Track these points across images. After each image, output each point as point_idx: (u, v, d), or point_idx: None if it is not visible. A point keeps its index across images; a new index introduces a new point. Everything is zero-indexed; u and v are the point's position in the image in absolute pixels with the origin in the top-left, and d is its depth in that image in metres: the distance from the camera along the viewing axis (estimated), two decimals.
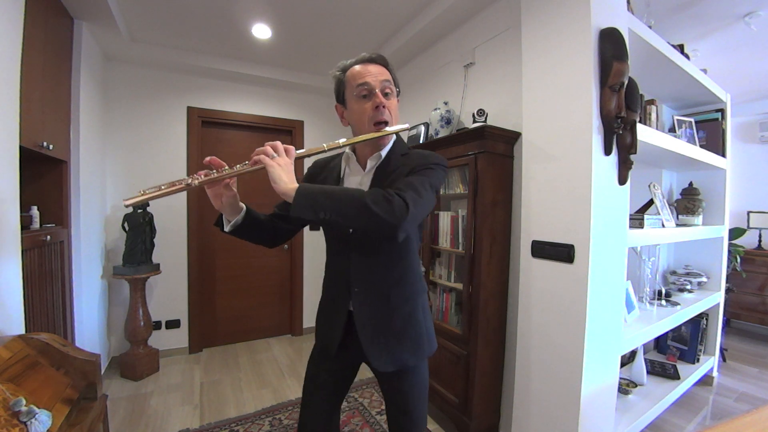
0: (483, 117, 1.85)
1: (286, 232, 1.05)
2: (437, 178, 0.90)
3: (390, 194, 0.78)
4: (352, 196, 0.78)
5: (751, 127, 3.75)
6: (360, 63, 0.95)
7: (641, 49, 1.67)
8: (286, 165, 0.82)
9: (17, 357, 1.00)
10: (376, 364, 0.94)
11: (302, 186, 0.78)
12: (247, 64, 2.91)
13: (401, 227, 0.78)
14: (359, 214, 0.76)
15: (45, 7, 1.62)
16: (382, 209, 0.76)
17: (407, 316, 0.97)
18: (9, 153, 1.29)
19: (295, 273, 3.40)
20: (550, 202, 1.49)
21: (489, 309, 1.73)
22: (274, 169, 0.80)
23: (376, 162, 0.97)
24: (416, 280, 1.01)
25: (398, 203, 0.77)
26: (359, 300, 0.96)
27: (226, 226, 0.94)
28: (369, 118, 0.92)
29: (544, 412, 1.50)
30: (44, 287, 1.62)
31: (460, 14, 2.05)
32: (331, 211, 0.77)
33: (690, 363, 2.37)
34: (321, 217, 0.76)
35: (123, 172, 2.71)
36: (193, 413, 2.07)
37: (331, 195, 0.78)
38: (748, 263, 3.37)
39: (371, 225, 0.77)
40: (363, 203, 0.76)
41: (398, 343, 0.95)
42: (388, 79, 0.94)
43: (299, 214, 0.77)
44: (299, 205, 0.76)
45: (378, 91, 0.91)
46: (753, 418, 0.77)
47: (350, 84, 0.94)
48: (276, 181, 0.79)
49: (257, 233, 0.99)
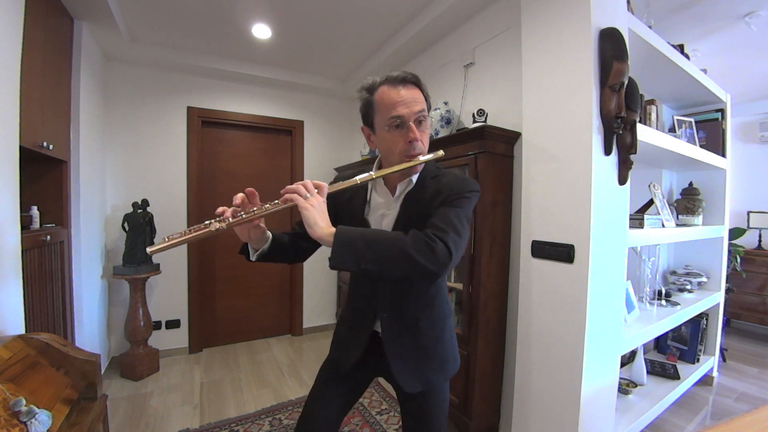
0: (483, 117, 1.85)
1: (307, 250, 1.01)
2: (471, 207, 0.87)
3: (432, 239, 0.74)
4: (394, 243, 0.74)
5: (751, 127, 3.75)
6: (391, 84, 0.86)
7: (641, 49, 1.67)
8: (320, 205, 0.78)
9: (17, 357, 1.00)
10: (405, 386, 0.93)
11: (340, 231, 0.74)
12: (247, 64, 2.91)
13: (442, 274, 0.75)
14: (402, 264, 0.73)
15: (45, 7, 1.62)
16: (425, 258, 0.72)
17: (436, 338, 0.96)
18: (9, 153, 1.29)
19: (295, 273, 3.40)
20: (550, 202, 1.49)
21: (489, 309, 1.73)
22: (309, 213, 0.75)
23: (405, 188, 0.92)
24: (444, 302, 1.00)
25: (441, 251, 0.73)
26: (387, 325, 0.94)
27: (252, 256, 0.92)
28: (401, 150, 0.86)
29: (544, 412, 1.50)
30: (44, 287, 1.62)
31: (460, 14, 2.05)
32: (372, 261, 0.73)
33: (690, 363, 2.37)
34: (362, 268, 0.73)
35: (123, 172, 2.71)
36: (193, 413, 2.07)
37: (372, 243, 0.74)
38: (748, 263, 3.37)
39: (413, 274, 0.74)
40: (406, 253, 0.72)
41: (426, 364, 0.94)
42: (423, 108, 0.87)
43: (340, 266, 0.73)
44: (339, 256, 0.73)
45: (412, 124, 0.84)
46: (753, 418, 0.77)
47: (381, 111, 0.86)
48: (311, 225, 0.75)
49: (281, 256, 0.96)
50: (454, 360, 1.00)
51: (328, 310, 3.59)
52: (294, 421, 1.98)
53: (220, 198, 3.08)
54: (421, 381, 0.94)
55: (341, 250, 0.73)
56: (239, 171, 3.14)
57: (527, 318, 1.59)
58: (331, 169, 3.50)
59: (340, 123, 3.59)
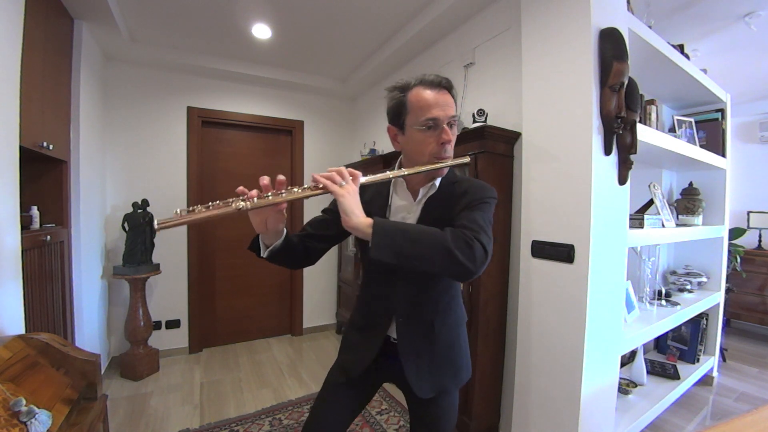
0: (483, 117, 1.85)
1: (316, 252, 0.97)
2: (492, 213, 0.88)
3: (470, 238, 0.74)
4: (435, 239, 0.73)
5: (751, 127, 3.75)
6: (426, 86, 0.86)
7: (641, 49, 1.67)
8: (355, 194, 0.76)
9: (17, 357, 1.00)
10: (418, 391, 0.91)
11: (378, 223, 0.73)
12: (247, 64, 2.91)
13: (478, 274, 0.74)
14: (442, 260, 0.72)
15: (45, 7, 1.62)
16: (465, 256, 0.72)
17: (450, 344, 0.96)
18: (9, 153, 1.29)
19: (295, 273, 3.40)
20: (550, 202, 1.49)
21: (489, 309, 1.73)
22: (345, 200, 0.74)
23: (428, 191, 0.92)
24: (460, 308, 1.00)
25: (479, 250, 0.73)
26: (402, 330, 0.93)
27: (263, 252, 0.87)
28: (431, 152, 0.86)
29: (544, 412, 1.50)
30: (44, 287, 1.62)
31: (460, 14, 2.05)
32: (412, 256, 0.71)
33: (690, 363, 2.37)
34: (400, 261, 0.72)
35: (123, 172, 2.71)
36: (193, 413, 2.07)
37: (411, 236, 0.73)
38: (748, 263, 3.37)
39: (451, 271, 0.74)
40: (447, 248, 0.71)
41: (439, 369, 0.93)
42: (456, 114, 0.88)
43: (380, 256, 0.71)
44: (379, 246, 0.71)
45: (446, 127, 0.85)
46: (753, 418, 0.77)
47: (414, 112, 0.85)
48: (348, 213, 0.73)
49: (291, 257, 0.91)
50: (467, 368, 1.00)
51: (328, 310, 3.59)
52: (294, 421, 1.98)
53: (220, 198, 3.07)
54: (434, 386, 0.93)
55: (382, 241, 0.71)
56: (239, 171, 3.14)
57: (527, 318, 1.59)
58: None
59: (340, 123, 3.59)
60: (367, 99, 3.35)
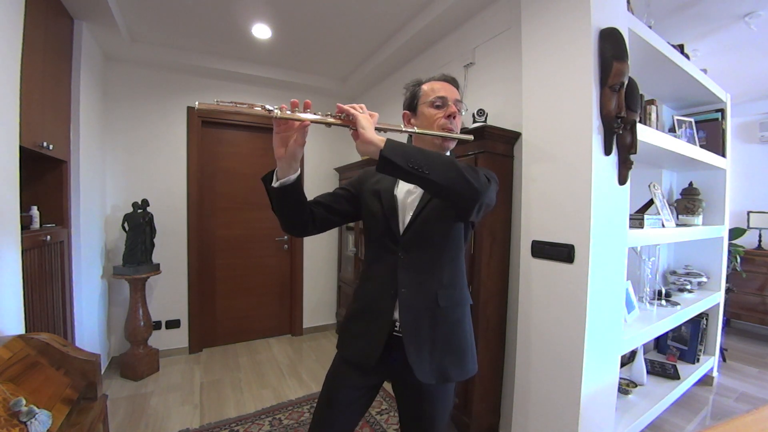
0: (483, 117, 1.85)
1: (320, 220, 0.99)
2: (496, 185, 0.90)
3: (475, 168, 0.83)
4: (444, 156, 0.82)
5: (751, 127, 3.75)
6: (437, 80, 1.02)
7: (641, 49, 1.66)
8: (372, 120, 0.82)
9: (17, 357, 1.00)
10: (419, 374, 0.89)
11: (390, 140, 0.78)
12: (247, 64, 2.91)
13: (481, 199, 0.80)
14: (450, 174, 0.78)
15: (45, 7, 1.62)
16: (470, 174, 0.79)
17: (455, 323, 0.95)
18: (9, 153, 1.29)
19: (295, 273, 3.40)
20: (550, 202, 1.49)
21: (489, 309, 1.73)
22: (363, 117, 0.80)
23: None
24: (464, 286, 1.00)
25: (483, 176, 0.81)
26: (405, 302, 0.92)
27: (275, 182, 0.89)
28: (439, 124, 0.96)
29: (544, 412, 1.50)
30: (44, 287, 1.62)
31: (460, 14, 2.05)
32: (422, 163, 0.76)
33: (690, 363, 2.37)
34: (410, 166, 0.75)
35: (123, 172, 2.71)
36: (193, 413, 2.07)
37: (423, 151, 0.80)
38: (748, 263, 3.37)
39: (458, 187, 0.78)
40: (455, 165, 0.79)
41: (443, 354, 0.92)
42: (461, 100, 1.01)
43: (390, 155, 0.75)
44: (391, 150, 0.75)
45: (452, 104, 0.97)
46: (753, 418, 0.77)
47: (426, 95, 0.99)
48: (365, 127, 0.78)
49: (298, 207, 0.93)
50: (473, 360, 0.98)
51: (328, 310, 3.59)
52: (294, 421, 1.99)
53: (220, 198, 3.08)
54: (436, 371, 0.91)
55: (394, 147, 0.76)
56: (239, 171, 3.14)
57: (527, 318, 1.59)
58: (331, 169, 3.50)
59: None
60: (367, 99, 3.34)
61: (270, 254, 3.32)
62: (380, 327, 0.94)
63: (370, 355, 0.93)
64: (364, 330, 0.97)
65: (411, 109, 1.03)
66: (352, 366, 0.99)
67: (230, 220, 3.13)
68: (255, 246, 3.24)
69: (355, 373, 0.98)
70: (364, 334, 0.97)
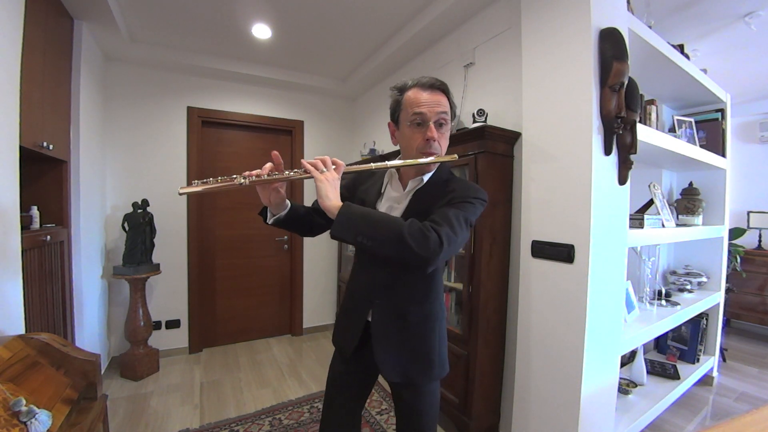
0: (483, 117, 1.85)
1: (320, 227, 1.10)
2: (474, 213, 0.90)
3: (427, 229, 0.79)
4: (391, 225, 0.80)
5: (751, 127, 3.75)
6: (419, 87, 0.94)
7: (641, 49, 1.67)
8: (333, 181, 0.86)
9: (17, 357, 1.00)
10: (385, 374, 0.97)
11: (345, 207, 0.82)
12: (247, 64, 2.91)
13: (431, 263, 0.79)
14: (394, 245, 0.78)
15: (45, 7, 1.62)
16: (416, 243, 0.77)
17: (421, 336, 0.98)
18: (9, 153, 1.29)
19: (295, 273, 3.40)
20: (550, 202, 1.49)
21: (489, 309, 1.73)
22: (322, 185, 0.84)
23: (416, 185, 0.98)
24: (436, 303, 1.02)
25: (434, 240, 0.78)
26: (378, 312, 0.99)
27: (269, 219, 1.00)
28: (418, 147, 0.93)
29: (544, 412, 1.50)
30: (44, 287, 1.62)
31: (460, 14, 2.05)
32: (368, 237, 0.79)
33: (690, 363, 2.37)
34: (358, 241, 0.79)
35: (123, 172, 2.71)
36: (193, 413, 2.07)
37: (371, 221, 0.81)
38: (748, 263, 3.37)
39: (403, 257, 0.79)
40: (399, 234, 0.78)
41: (407, 359, 0.97)
42: (445, 110, 0.93)
43: (338, 235, 0.81)
44: (339, 225, 0.81)
45: (432, 124, 0.91)
46: (753, 418, 0.77)
47: (406, 109, 0.94)
48: (323, 197, 0.83)
49: (296, 226, 1.05)
50: (441, 364, 1.01)
51: (328, 310, 3.59)
52: (294, 421, 1.98)
53: (220, 197, 3.08)
54: (400, 373, 0.97)
55: (342, 222, 0.81)
56: (239, 171, 3.06)
57: (527, 318, 1.59)
58: None
59: (340, 123, 3.59)
60: (367, 99, 3.35)
61: (270, 254, 3.32)
62: (356, 324, 1.03)
63: (348, 345, 1.04)
64: (346, 323, 1.08)
65: (394, 121, 1.00)
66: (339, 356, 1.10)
67: (230, 220, 3.13)
68: (255, 246, 3.24)
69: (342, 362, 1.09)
70: (347, 327, 1.07)
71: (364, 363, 1.06)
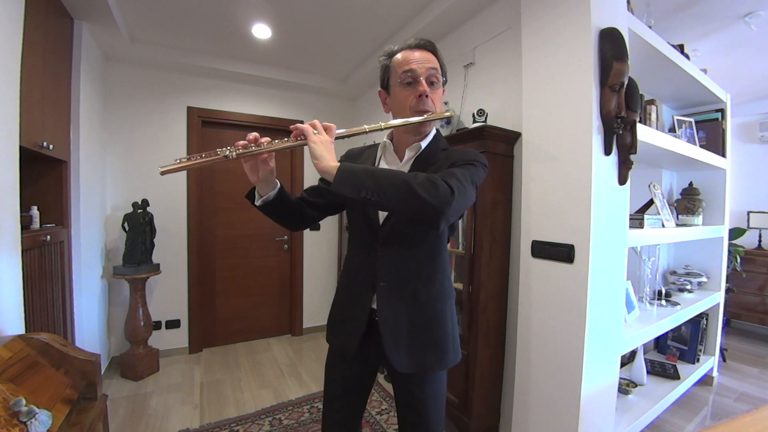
0: (483, 117, 1.85)
1: (311, 218, 1.03)
2: (478, 174, 0.85)
3: (435, 178, 0.74)
4: (396, 176, 0.74)
5: (751, 127, 3.75)
6: (407, 49, 0.91)
7: (641, 49, 1.66)
8: (327, 143, 0.80)
9: (17, 357, 1.00)
10: (397, 364, 0.89)
11: (344, 164, 0.76)
12: (247, 64, 2.91)
13: (444, 214, 0.72)
14: (402, 195, 0.72)
15: (45, 7, 1.62)
16: (426, 192, 0.71)
17: (434, 317, 0.93)
18: (9, 153, 1.29)
19: (295, 273, 3.40)
20: (550, 202, 1.49)
21: (489, 309, 1.73)
22: (316, 146, 0.78)
23: (415, 153, 0.93)
24: (446, 280, 0.97)
25: (443, 188, 0.72)
26: (384, 296, 0.91)
27: (257, 200, 0.93)
28: (411, 106, 0.89)
29: (544, 412, 1.50)
30: (44, 287, 1.62)
31: (460, 14, 2.05)
32: (373, 190, 0.72)
33: (690, 363, 2.37)
34: (362, 196, 0.72)
35: (123, 172, 2.71)
36: (193, 413, 2.07)
37: (374, 174, 0.75)
38: (748, 263, 3.37)
39: (414, 208, 0.72)
40: (407, 184, 0.72)
41: (422, 345, 0.91)
42: (435, 67, 0.90)
43: (340, 190, 0.73)
44: (341, 182, 0.73)
45: (423, 79, 0.88)
46: (753, 418, 0.77)
47: (395, 70, 0.91)
48: (318, 158, 0.77)
49: (284, 212, 0.96)
50: (455, 349, 0.96)
51: (328, 310, 3.58)
52: (294, 421, 1.98)
53: (220, 198, 3.08)
54: (414, 361, 0.90)
55: (343, 177, 0.73)
56: (239, 171, 3.09)
57: (527, 318, 1.59)
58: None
59: (340, 123, 3.57)
60: (367, 99, 3.35)
61: (270, 254, 3.32)
62: (360, 315, 0.94)
63: (351, 342, 0.95)
64: (345, 317, 0.99)
65: (384, 87, 0.96)
66: (338, 356, 1.02)
67: (230, 220, 3.13)
68: (255, 246, 3.24)
69: (341, 363, 1.00)
70: (345, 321, 0.99)
71: (366, 360, 0.98)
